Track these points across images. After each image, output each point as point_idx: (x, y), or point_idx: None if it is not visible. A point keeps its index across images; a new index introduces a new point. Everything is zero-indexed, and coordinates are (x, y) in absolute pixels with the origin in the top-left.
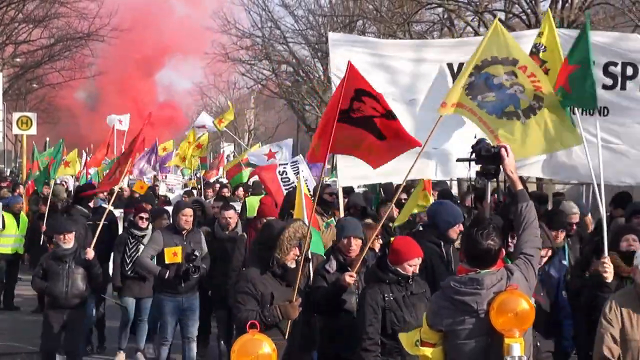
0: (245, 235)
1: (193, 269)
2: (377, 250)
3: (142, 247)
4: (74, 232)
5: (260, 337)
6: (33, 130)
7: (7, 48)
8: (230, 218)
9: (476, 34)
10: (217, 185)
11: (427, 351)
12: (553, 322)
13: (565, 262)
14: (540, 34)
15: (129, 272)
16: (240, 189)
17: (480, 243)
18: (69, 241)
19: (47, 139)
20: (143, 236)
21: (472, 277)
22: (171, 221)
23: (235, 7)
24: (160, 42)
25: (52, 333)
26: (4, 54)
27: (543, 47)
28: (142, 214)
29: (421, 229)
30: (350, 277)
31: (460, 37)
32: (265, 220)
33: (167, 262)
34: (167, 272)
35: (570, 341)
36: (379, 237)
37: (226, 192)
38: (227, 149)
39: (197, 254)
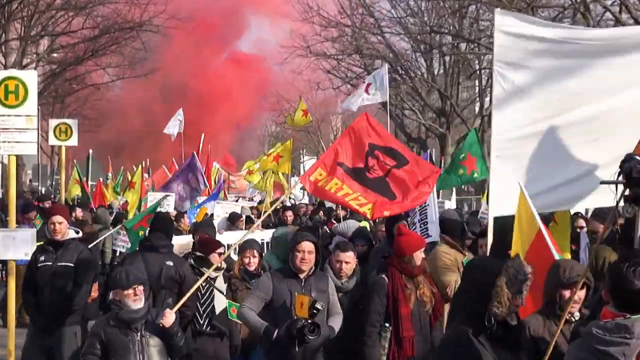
0: (387, 279)
1: (311, 327)
2: None
3: (216, 292)
4: (146, 285)
5: None
6: (73, 141)
7: (43, 41)
8: (347, 263)
9: (617, 21)
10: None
11: None
12: None
13: None
14: None
15: (204, 327)
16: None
17: (632, 282)
18: (139, 298)
19: (90, 151)
20: (216, 278)
21: (619, 323)
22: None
23: None
24: (224, 34)
25: None
26: (39, 47)
27: None
28: (220, 249)
29: None
30: None
31: (598, 25)
32: (411, 258)
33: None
34: (276, 331)
35: None
36: None
37: (340, 213)
38: (309, 163)
39: (320, 306)
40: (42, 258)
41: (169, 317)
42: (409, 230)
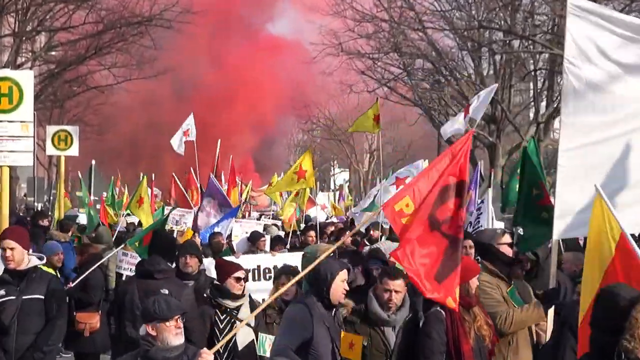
0: (444, 313)
1: None
2: None
3: (237, 324)
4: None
5: None
6: (74, 150)
7: (40, 37)
8: (397, 292)
9: None
10: (332, 228)
11: None
12: None
13: None
14: None
15: None
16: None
17: None
18: (181, 332)
19: (93, 162)
20: (238, 308)
21: None
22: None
23: None
24: (244, 31)
25: None
26: (35, 45)
27: None
28: (238, 273)
29: None
30: None
31: None
32: (467, 286)
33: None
34: None
35: None
36: None
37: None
38: (340, 176)
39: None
40: (1, 292)
41: (207, 357)
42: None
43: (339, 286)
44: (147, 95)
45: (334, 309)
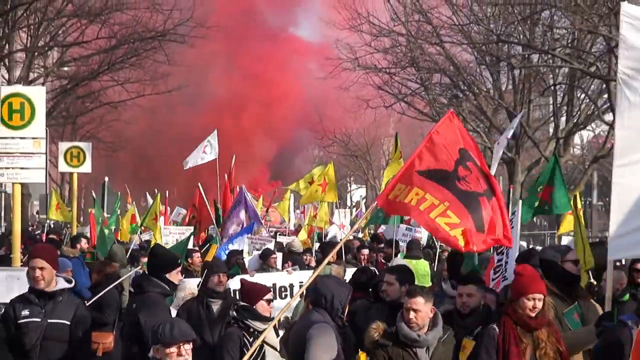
0: (497, 330)
1: None
2: None
3: (267, 348)
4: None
5: None
6: (86, 167)
7: (52, 52)
8: (416, 311)
9: None
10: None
11: None
12: None
13: None
14: None
15: None
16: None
17: None
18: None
19: (106, 179)
20: (264, 330)
21: None
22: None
23: None
24: (258, 45)
25: None
26: (47, 60)
27: None
28: (268, 296)
29: None
30: None
31: None
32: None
33: None
34: None
35: None
36: None
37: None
38: (357, 193)
39: None
40: (25, 312)
41: None
42: (531, 270)
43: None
44: (160, 110)
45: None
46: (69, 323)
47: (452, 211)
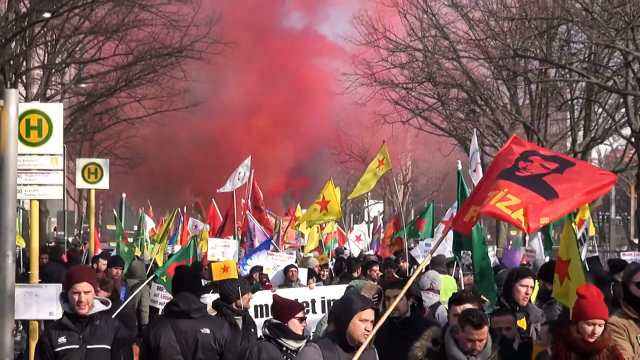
0: (549, 353)
1: None
2: None
3: None
4: None
5: None
6: (104, 183)
7: (69, 69)
8: (480, 341)
9: None
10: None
11: None
12: None
13: None
14: None
15: None
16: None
17: None
18: None
19: (124, 195)
20: (298, 349)
21: None
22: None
23: (386, 8)
24: (274, 61)
25: None
26: (64, 77)
27: None
28: (301, 313)
29: None
30: None
31: None
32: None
33: None
34: None
35: None
36: None
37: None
38: (374, 208)
39: None
40: (62, 339)
41: None
42: (596, 291)
43: (358, 326)
44: (175, 124)
45: (359, 351)
46: (109, 347)
47: (512, 194)
